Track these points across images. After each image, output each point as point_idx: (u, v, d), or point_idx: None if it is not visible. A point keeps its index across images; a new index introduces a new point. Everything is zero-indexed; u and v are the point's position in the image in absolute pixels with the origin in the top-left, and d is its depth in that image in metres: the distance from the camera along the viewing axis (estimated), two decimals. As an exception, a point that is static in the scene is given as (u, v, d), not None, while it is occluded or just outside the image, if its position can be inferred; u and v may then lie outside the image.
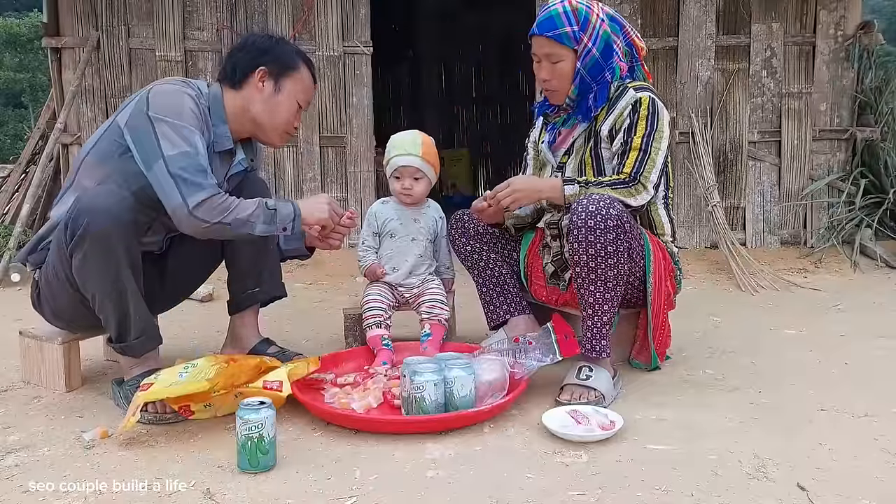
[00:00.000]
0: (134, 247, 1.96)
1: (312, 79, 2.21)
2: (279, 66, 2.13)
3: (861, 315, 3.00)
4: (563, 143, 2.30)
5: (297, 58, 2.17)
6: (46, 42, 4.39)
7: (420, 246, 2.48)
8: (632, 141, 2.14)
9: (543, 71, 2.21)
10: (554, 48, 2.16)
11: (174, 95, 2.01)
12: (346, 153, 4.53)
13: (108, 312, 1.97)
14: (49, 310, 2.13)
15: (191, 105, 2.01)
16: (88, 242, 1.88)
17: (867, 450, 1.70)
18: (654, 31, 4.38)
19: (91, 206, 1.89)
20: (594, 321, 2.05)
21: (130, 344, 2.01)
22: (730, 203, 4.40)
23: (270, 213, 2.01)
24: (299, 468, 1.65)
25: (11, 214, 4.46)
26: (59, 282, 2.01)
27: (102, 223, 1.87)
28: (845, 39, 4.33)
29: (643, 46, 2.31)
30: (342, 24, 4.46)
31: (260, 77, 2.11)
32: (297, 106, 2.17)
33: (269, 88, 2.12)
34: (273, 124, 2.15)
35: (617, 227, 1.96)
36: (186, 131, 1.97)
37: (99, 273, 1.91)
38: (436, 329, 2.40)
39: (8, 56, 15.00)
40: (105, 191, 1.95)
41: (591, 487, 1.53)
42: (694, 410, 1.96)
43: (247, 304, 2.34)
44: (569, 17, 2.15)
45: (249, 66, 2.11)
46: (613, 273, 1.99)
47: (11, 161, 6.33)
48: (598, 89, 2.19)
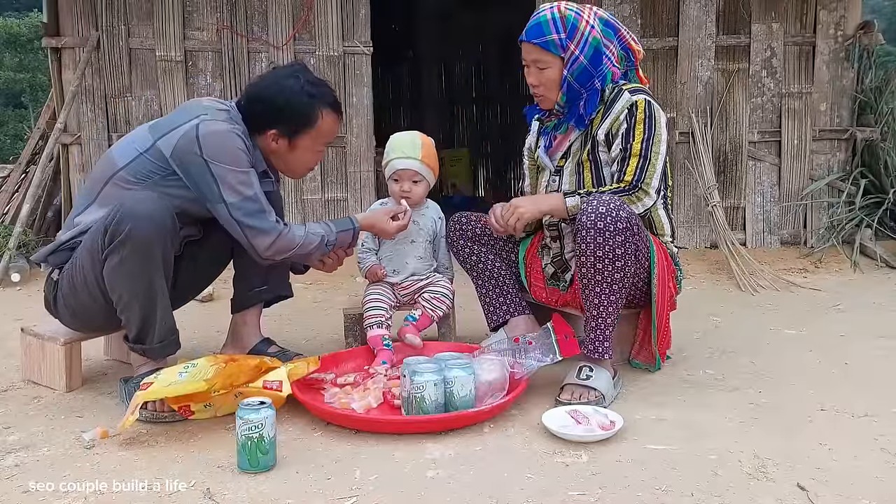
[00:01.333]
0: (170, 255, 1.98)
1: (337, 117, 2.17)
2: (294, 127, 2.10)
3: (861, 315, 3.00)
4: (560, 147, 2.29)
5: (317, 109, 2.10)
6: (46, 42, 4.39)
7: (420, 248, 2.48)
8: (631, 147, 2.12)
9: (532, 77, 2.21)
10: (540, 55, 2.15)
11: (227, 138, 2.01)
12: (346, 153, 4.53)
13: (132, 314, 1.97)
14: (67, 309, 2.10)
15: (242, 146, 2.03)
16: (129, 247, 1.88)
17: (867, 450, 1.70)
18: (654, 31, 4.38)
19: (134, 211, 1.89)
20: (598, 322, 2.04)
21: (152, 347, 2.01)
22: (730, 203, 4.40)
23: (329, 247, 2.20)
24: (299, 468, 1.65)
25: (11, 214, 4.45)
26: (84, 285, 2.00)
27: (145, 229, 1.88)
28: (845, 39, 4.33)
29: (640, 50, 2.29)
30: (342, 24, 4.45)
31: (272, 138, 2.10)
32: (318, 151, 2.19)
33: (284, 146, 2.13)
34: (292, 173, 2.26)
35: (626, 229, 1.96)
36: (244, 176, 2.01)
37: (133, 278, 1.92)
38: (424, 318, 2.41)
39: (8, 56, 14.99)
40: (147, 197, 1.95)
41: (591, 487, 1.53)
42: (694, 410, 1.96)
43: (251, 302, 2.35)
44: (556, 25, 2.13)
45: (262, 123, 2.09)
46: (619, 275, 1.99)
47: (11, 161, 6.34)
48: (587, 96, 2.17)
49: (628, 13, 4.34)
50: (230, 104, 2.14)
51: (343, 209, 4.52)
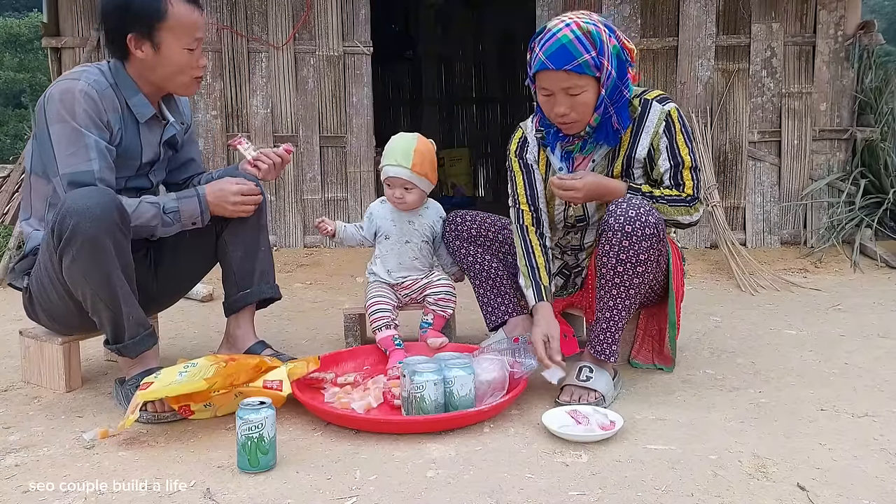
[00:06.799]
0: (125, 243, 1.92)
1: (193, 5, 2.02)
2: (145, 24, 1.97)
3: (861, 315, 3.00)
4: (582, 167, 2.17)
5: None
6: (46, 42, 4.40)
7: (414, 248, 2.47)
8: (682, 161, 2.07)
9: (560, 105, 1.97)
10: (574, 80, 1.92)
11: (63, 96, 1.95)
12: (346, 153, 4.53)
13: (101, 314, 1.95)
14: (44, 314, 2.11)
15: (82, 101, 1.94)
16: (77, 244, 1.84)
17: (867, 450, 1.70)
18: (654, 31, 4.38)
19: (76, 205, 1.84)
20: (609, 325, 2.02)
21: (126, 345, 1.98)
22: (730, 203, 4.40)
23: (171, 216, 2.06)
24: (299, 468, 1.65)
25: (11, 214, 4.46)
26: (51, 286, 2.00)
27: (89, 222, 1.83)
28: (845, 39, 4.33)
29: (633, 48, 2.13)
30: (342, 24, 4.46)
31: (134, 45, 2.00)
32: (189, 49, 2.03)
33: (149, 52, 2.01)
34: (173, 80, 2.08)
35: (653, 235, 1.93)
36: (73, 135, 1.93)
37: (89, 275, 1.88)
38: (438, 318, 2.41)
39: (8, 56, 15.01)
40: (88, 189, 1.90)
41: (591, 487, 1.53)
42: (694, 410, 1.96)
43: (240, 305, 2.30)
44: (583, 44, 1.90)
45: (118, 36, 2.00)
46: (639, 281, 1.97)
47: (11, 161, 6.33)
48: (616, 109, 2.02)
49: (628, 13, 4.34)
50: (97, 64, 2.07)
51: (343, 209, 4.53)
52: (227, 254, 2.27)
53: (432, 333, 2.37)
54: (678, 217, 2.08)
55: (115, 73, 2.06)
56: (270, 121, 4.48)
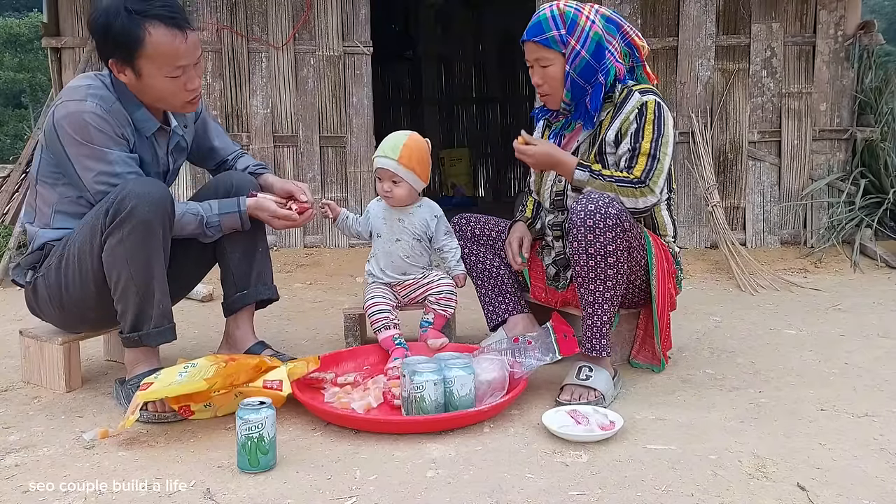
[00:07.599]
0: (169, 238, 1.99)
1: (171, 30, 1.92)
2: (124, 50, 1.92)
3: (861, 315, 3.00)
4: (568, 146, 2.28)
5: (140, 25, 1.89)
6: (46, 42, 4.39)
7: (405, 246, 2.46)
8: (640, 146, 2.11)
9: (535, 76, 2.22)
10: (542, 52, 2.16)
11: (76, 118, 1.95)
12: (346, 153, 4.53)
13: (128, 299, 1.95)
14: (51, 306, 2.10)
15: (95, 122, 1.95)
16: (131, 225, 1.88)
17: (867, 450, 1.70)
18: (654, 31, 4.38)
19: (136, 190, 1.90)
20: (594, 320, 2.05)
21: (148, 333, 1.98)
22: (730, 203, 4.40)
23: (213, 230, 2.13)
24: (299, 468, 1.65)
25: (11, 214, 4.46)
26: (76, 272, 1.99)
27: (148, 207, 1.89)
28: (845, 39, 4.33)
29: (644, 45, 2.27)
30: (342, 24, 4.46)
31: (116, 70, 1.97)
32: (172, 77, 1.97)
33: (132, 77, 1.97)
34: (163, 103, 2.06)
35: (616, 226, 1.96)
36: (99, 152, 1.95)
37: (133, 256, 1.91)
38: (438, 318, 2.41)
39: (8, 56, 15.02)
40: (148, 179, 1.97)
41: (591, 487, 1.53)
42: (694, 410, 1.96)
43: (238, 306, 2.31)
44: (556, 21, 2.14)
45: (104, 59, 1.98)
46: (613, 272, 1.99)
47: (11, 161, 6.33)
48: (592, 92, 2.17)
49: (628, 13, 4.34)
50: (102, 77, 2.05)
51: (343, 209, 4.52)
52: (225, 255, 2.27)
53: (432, 333, 2.37)
54: (623, 199, 2.07)
55: (117, 85, 2.04)
56: (270, 121, 4.48)
